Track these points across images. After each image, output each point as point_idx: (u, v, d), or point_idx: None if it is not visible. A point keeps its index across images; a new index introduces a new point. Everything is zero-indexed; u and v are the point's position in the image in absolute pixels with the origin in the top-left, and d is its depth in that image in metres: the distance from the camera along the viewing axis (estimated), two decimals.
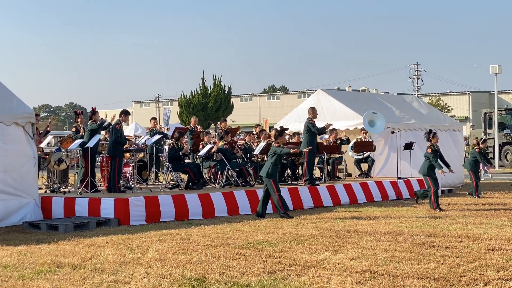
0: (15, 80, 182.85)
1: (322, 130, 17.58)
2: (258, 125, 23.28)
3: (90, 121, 15.70)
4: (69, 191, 15.64)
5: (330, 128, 18.62)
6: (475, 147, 20.11)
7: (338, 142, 20.17)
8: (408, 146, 20.01)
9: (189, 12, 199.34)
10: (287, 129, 18.43)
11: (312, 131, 17.07)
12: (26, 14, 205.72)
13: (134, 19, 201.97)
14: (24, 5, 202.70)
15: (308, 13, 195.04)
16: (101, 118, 15.89)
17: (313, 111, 17.53)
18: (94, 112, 15.79)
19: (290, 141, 20.02)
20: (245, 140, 19.26)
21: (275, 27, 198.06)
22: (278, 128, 15.48)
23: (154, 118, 19.92)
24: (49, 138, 18.89)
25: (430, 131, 16.32)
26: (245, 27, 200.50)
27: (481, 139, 22.09)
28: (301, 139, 18.59)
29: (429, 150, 15.84)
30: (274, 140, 15.19)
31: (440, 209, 15.57)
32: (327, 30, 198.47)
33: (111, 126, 15.49)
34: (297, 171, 19.26)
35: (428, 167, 15.84)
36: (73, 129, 16.73)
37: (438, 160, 15.81)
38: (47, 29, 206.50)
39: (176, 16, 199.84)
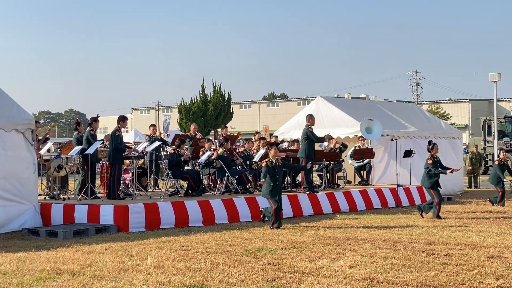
0: (15, 86, 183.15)
1: (321, 139, 17.59)
2: (257, 132, 23.29)
3: (88, 128, 15.63)
4: (69, 198, 15.63)
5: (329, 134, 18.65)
6: (495, 160, 19.79)
7: (338, 150, 20.18)
8: (408, 153, 20.02)
9: (189, 19, 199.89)
10: (278, 144, 18.48)
11: (310, 139, 17.04)
12: (26, 21, 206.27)
13: (134, 26, 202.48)
14: (23, 12, 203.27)
15: (308, 20, 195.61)
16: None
17: (311, 119, 17.47)
18: (95, 119, 15.75)
19: (289, 148, 20.04)
20: (244, 147, 19.27)
21: (275, 34, 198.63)
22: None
23: (154, 125, 19.93)
24: (48, 144, 18.88)
25: (430, 142, 16.25)
26: (245, 34, 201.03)
27: (500, 148, 21.33)
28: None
29: (430, 161, 15.75)
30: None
31: (439, 217, 15.54)
32: (327, 37, 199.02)
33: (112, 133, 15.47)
34: (297, 178, 19.25)
35: (430, 180, 15.72)
36: (79, 134, 16.31)
37: (439, 169, 15.73)
38: (46, 35, 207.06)
39: (176, 23, 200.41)
